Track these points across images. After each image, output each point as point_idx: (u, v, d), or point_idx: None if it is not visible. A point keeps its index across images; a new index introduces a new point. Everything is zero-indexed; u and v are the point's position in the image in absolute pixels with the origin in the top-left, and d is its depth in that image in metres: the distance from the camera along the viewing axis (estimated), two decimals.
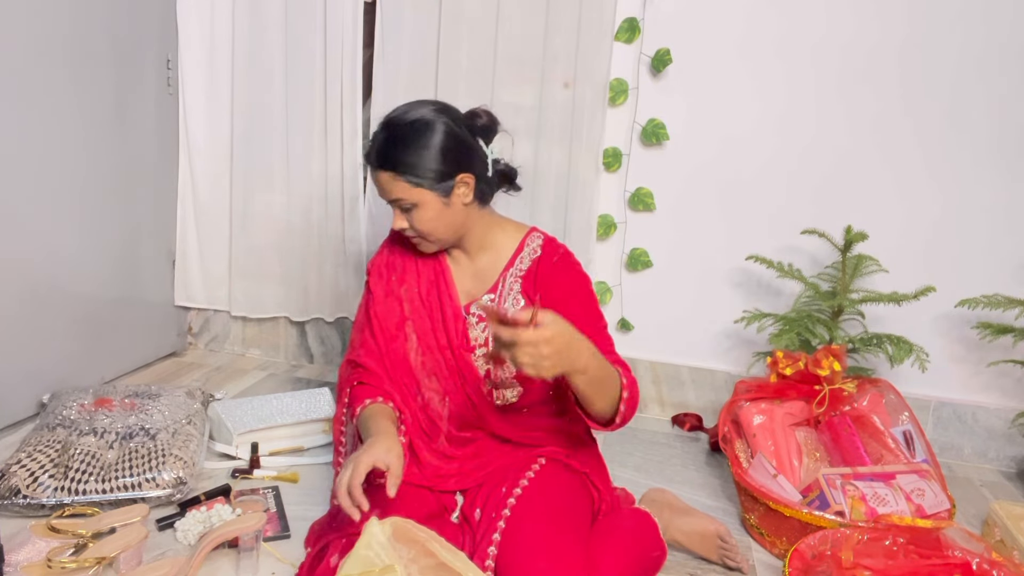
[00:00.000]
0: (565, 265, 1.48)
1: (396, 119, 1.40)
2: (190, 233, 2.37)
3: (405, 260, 1.54)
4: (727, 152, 2.10)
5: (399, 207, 1.41)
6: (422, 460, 1.46)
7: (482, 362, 1.47)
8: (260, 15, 2.19)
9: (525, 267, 1.49)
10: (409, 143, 1.37)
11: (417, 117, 1.39)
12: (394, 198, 1.40)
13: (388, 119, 1.42)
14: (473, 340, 1.48)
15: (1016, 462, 2.10)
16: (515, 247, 1.51)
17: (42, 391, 1.86)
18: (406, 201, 1.39)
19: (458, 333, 1.47)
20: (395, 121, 1.40)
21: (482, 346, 1.48)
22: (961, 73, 1.96)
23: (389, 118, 1.42)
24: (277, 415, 1.84)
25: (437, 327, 1.48)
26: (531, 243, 1.51)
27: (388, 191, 1.39)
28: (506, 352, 1.12)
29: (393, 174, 1.37)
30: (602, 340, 1.38)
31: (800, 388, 1.69)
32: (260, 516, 1.36)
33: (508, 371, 1.47)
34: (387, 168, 1.37)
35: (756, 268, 2.04)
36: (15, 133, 1.75)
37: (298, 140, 2.24)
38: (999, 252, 2.02)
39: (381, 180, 1.39)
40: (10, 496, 1.43)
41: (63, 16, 1.84)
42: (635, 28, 2.05)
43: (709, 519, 1.51)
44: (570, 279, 1.47)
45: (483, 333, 1.48)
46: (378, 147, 1.39)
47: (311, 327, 2.44)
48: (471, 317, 1.48)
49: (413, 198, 1.38)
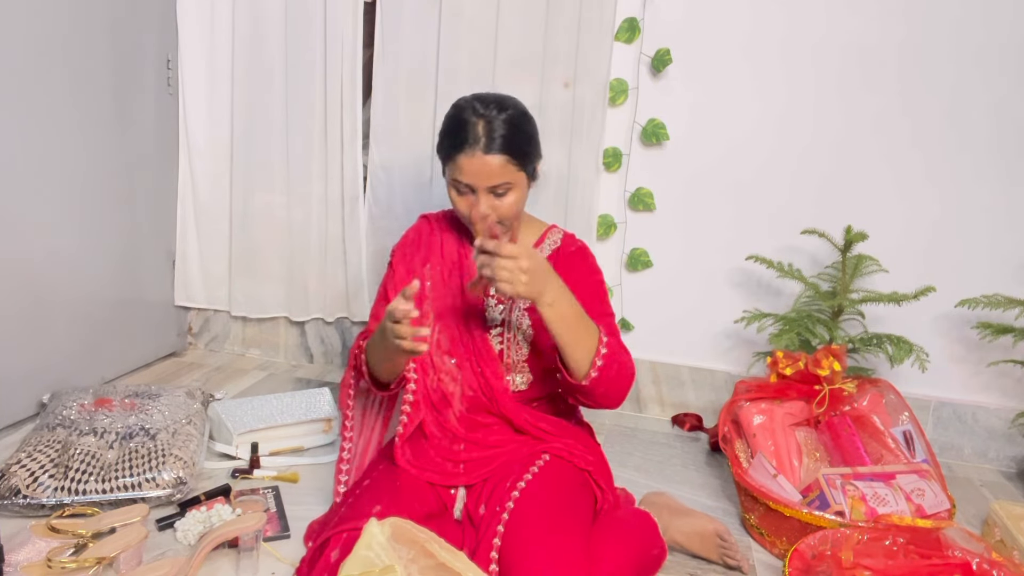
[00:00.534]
0: (581, 256, 1.56)
1: (504, 103, 1.42)
2: (190, 233, 2.37)
3: (431, 242, 1.58)
4: (727, 152, 2.10)
5: (494, 192, 1.40)
6: (429, 436, 1.47)
7: (497, 342, 1.51)
8: (260, 15, 2.19)
9: (545, 255, 1.54)
10: (522, 128, 1.42)
11: (517, 102, 1.45)
12: (499, 183, 1.39)
13: (495, 102, 1.41)
14: (490, 321, 1.52)
15: (1016, 462, 2.10)
16: (535, 240, 1.58)
17: (42, 391, 1.86)
18: (507, 185, 1.40)
19: (477, 313, 1.51)
20: (505, 104, 1.42)
21: (499, 326, 1.51)
22: (961, 73, 1.96)
23: (496, 101, 1.41)
24: (277, 415, 1.84)
25: (457, 307, 1.51)
26: (552, 236, 1.60)
27: (494, 175, 1.39)
28: (488, 271, 1.25)
29: (508, 158, 1.39)
30: (606, 325, 1.44)
31: (800, 388, 1.69)
32: (260, 516, 1.36)
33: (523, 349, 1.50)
34: (504, 151, 1.38)
35: (756, 268, 2.04)
36: (15, 133, 1.75)
37: (298, 140, 2.24)
38: (999, 252, 2.02)
39: (490, 164, 1.38)
40: (10, 496, 1.43)
41: (63, 16, 1.84)
42: (635, 28, 2.05)
43: (708, 519, 1.51)
44: (584, 269, 1.54)
45: (499, 315, 1.52)
46: (496, 130, 1.38)
47: (311, 327, 2.44)
48: (489, 299, 1.52)
49: (516, 181, 1.41)
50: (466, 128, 1.39)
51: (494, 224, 1.33)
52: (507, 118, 1.40)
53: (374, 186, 2.26)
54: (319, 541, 1.27)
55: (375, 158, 2.23)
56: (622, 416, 2.25)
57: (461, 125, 1.40)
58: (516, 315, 1.51)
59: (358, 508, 1.30)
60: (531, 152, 1.45)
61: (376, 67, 2.18)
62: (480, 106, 1.41)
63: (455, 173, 1.42)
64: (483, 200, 1.40)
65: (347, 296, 2.33)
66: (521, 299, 1.34)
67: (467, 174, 1.39)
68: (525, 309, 1.51)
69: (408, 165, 2.21)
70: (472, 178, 1.39)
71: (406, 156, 2.21)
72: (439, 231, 1.59)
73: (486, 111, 1.40)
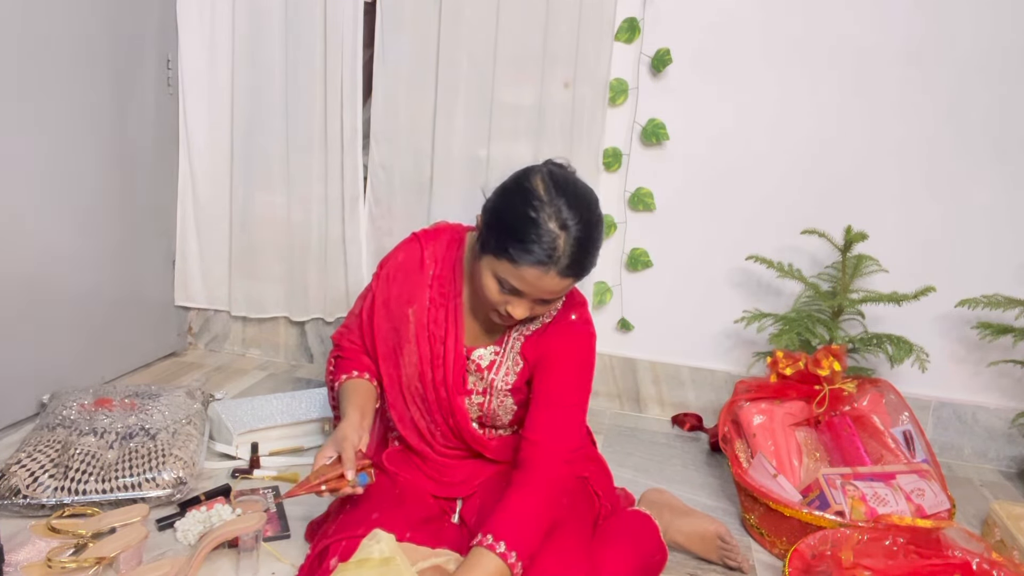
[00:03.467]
0: (574, 331, 1.39)
1: (590, 211, 1.22)
2: (190, 233, 2.37)
3: (419, 280, 1.41)
4: (727, 152, 2.10)
5: (541, 301, 1.26)
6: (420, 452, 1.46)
7: (475, 408, 1.43)
8: (260, 15, 2.19)
9: (534, 327, 1.40)
10: (598, 243, 1.25)
11: (595, 201, 1.25)
12: (552, 296, 1.25)
13: (583, 207, 1.21)
14: (470, 385, 1.42)
15: (1016, 462, 2.10)
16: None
17: (42, 391, 1.86)
18: (558, 294, 1.26)
19: (455, 374, 1.40)
20: (591, 215, 1.22)
21: (480, 394, 1.42)
22: (961, 74, 1.96)
23: (584, 206, 1.21)
24: (277, 415, 1.84)
25: (437, 362, 1.39)
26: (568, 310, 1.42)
27: (552, 290, 1.23)
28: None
29: (576, 279, 1.24)
30: (571, 416, 1.34)
31: (800, 388, 1.69)
32: (260, 516, 1.36)
33: (502, 419, 1.44)
34: (577, 275, 1.23)
35: (756, 268, 2.04)
36: (15, 133, 1.75)
37: (298, 140, 2.24)
38: (999, 252, 2.02)
39: (559, 285, 1.22)
40: (10, 496, 1.43)
41: (63, 16, 1.84)
42: (635, 28, 2.05)
43: (709, 519, 1.51)
44: (572, 345, 1.38)
45: (480, 382, 1.42)
46: (578, 252, 1.20)
47: (311, 327, 2.44)
48: (471, 363, 1.41)
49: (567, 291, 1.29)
50: (545, 239, 1.18)
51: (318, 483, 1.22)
52: (589, 235, 1.21)
53: (374, 186, 2.26)
54: (318, 549, 1.27)
55: (375, 158, 2.23)
56: (622, 416, 2.26)
57: (540, 233, 1.18)
58: (495, 401, 1.42)
59: (357, 514, 1.29)
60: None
61: (376, 67, 2.18)
62: (568, 212, 1.19)
63: (507, 274, 1.22)
64: (527, 305, 1.26)
65: (347, 296, 2.33)
66: None
67: (526, 284, 1.21)
68: (508, 390, 1.41)
69: (408, 165, 2.21)
70: (530, 288, 1.22)
71: (406, 156, 2.21)
72: (430, 265, 1.41)
73: (574, 224, 1.19)
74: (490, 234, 1.24)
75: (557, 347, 1.37)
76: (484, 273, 1.26)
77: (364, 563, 1.10)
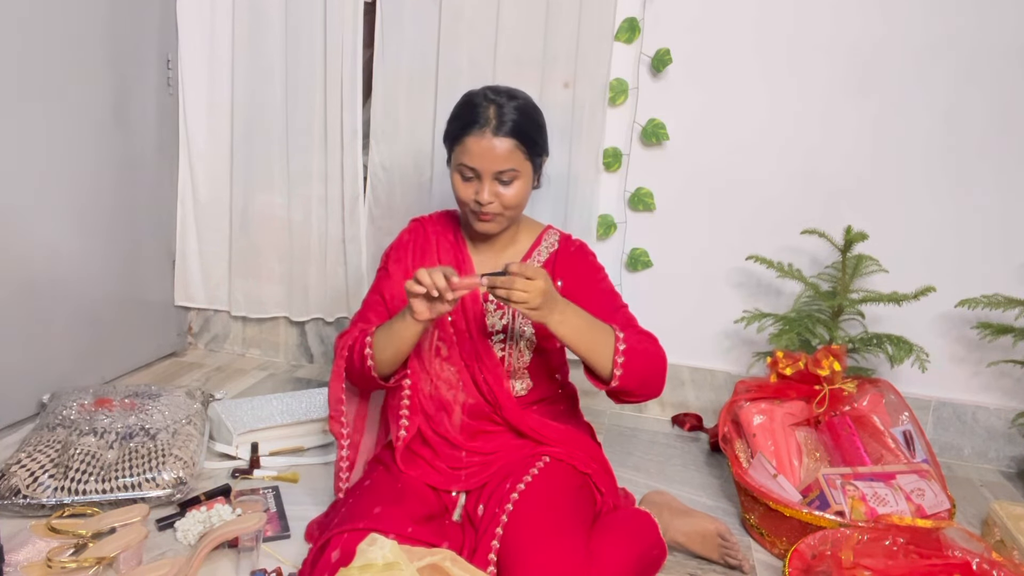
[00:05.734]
0: (582, 255, 1.57)
1: (514, 93, 1.45)
2: (190, 233, 2.37)
3: (425, 245, 1.56)
4: (727, 152, 2.10)
5: (500, 179, 1.41)
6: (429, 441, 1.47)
7: (499, 347, 1.50)
8: (260, 15, 2.19)
9: (543, 259, 1.55)
10: (533, 117, 1.44)
11: (528, 96, 1.47)
12: (504, 168, 1.39)
13: (506, 92, 1.44)
14: (490, 326, 1.51)
15: (1016, 462, 2.10)
16: (532, 242, 1.57)
17: (42, 391, 1.86)
18: (513, 172, 1.40)
19: (476, 318, 1.50)
20: (516, 94, 1.45)
21: (499, 332, 1.50)
22: (961, 74, 1.96)
23: (507, 91, 1.44)
24: (277, 415, 1.84)
25: (456, 312, 1.49)
26: (548, 238, 1.59)
27: (501, 160, 1.39)
28: (503, 292, 1.26)
29: (516, 143, 1.40)
30: (623, 316, 1.48)
31: (800, 388, 1.69)
32: (260, 516, 1.36)
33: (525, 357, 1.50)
34: (513, 135, 1.39)
35: (756, 268, 2.04)
36: (15, 133, 1.75)
37: (298, 140, 2.24)
38: (999, 252, 2.02)
39: (498, 148, 1.39)
40: (10, 496, 1.43)
41: (63, 16, 1.84)
42: (635, 28, 2.05)
43: (709, 519, 1.51)
44: (587, 268, 1.56)
45: (500, 320, 1.50)
46: (507, 115, 1.39)
47: (311, 327, 2.44)
48: (488, 304, 1.51)
49: (522, 169, 1.42)
50: (477, 110, 1.40)
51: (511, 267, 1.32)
52: (518, 105, 1.42)
53: (374, 186, 2.26)
54: (320, 542, 1.27)
55: (375, 158, 2.24)
56: (622, 416, 2.26)
57: (472, 108, 1.42)
58: (519, 323, 1.51)
59: (359, 508, 1.30)
60: (540, 142, 1.46)
61: (376, 67, 2.18)
62: (492, 93, 1.43)
63: (462, 156, 1.41)
64: (488, 187, 1.40)
65: (347, 296, 2.33)
66: (534, 319, 1.32)
67: (474, 156, 1.39)
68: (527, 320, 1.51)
69: (408, 165, 2.21)
70: (479, 161, 1.39)
71: (406, 156, 2.21)
72: (433, 233, 1.58)
73: (497, 97, 1.42)
74: (446, 137, 1.48)
75: (570, 269, 1.53)
76: (452, 177, 1.45)
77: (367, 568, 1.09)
